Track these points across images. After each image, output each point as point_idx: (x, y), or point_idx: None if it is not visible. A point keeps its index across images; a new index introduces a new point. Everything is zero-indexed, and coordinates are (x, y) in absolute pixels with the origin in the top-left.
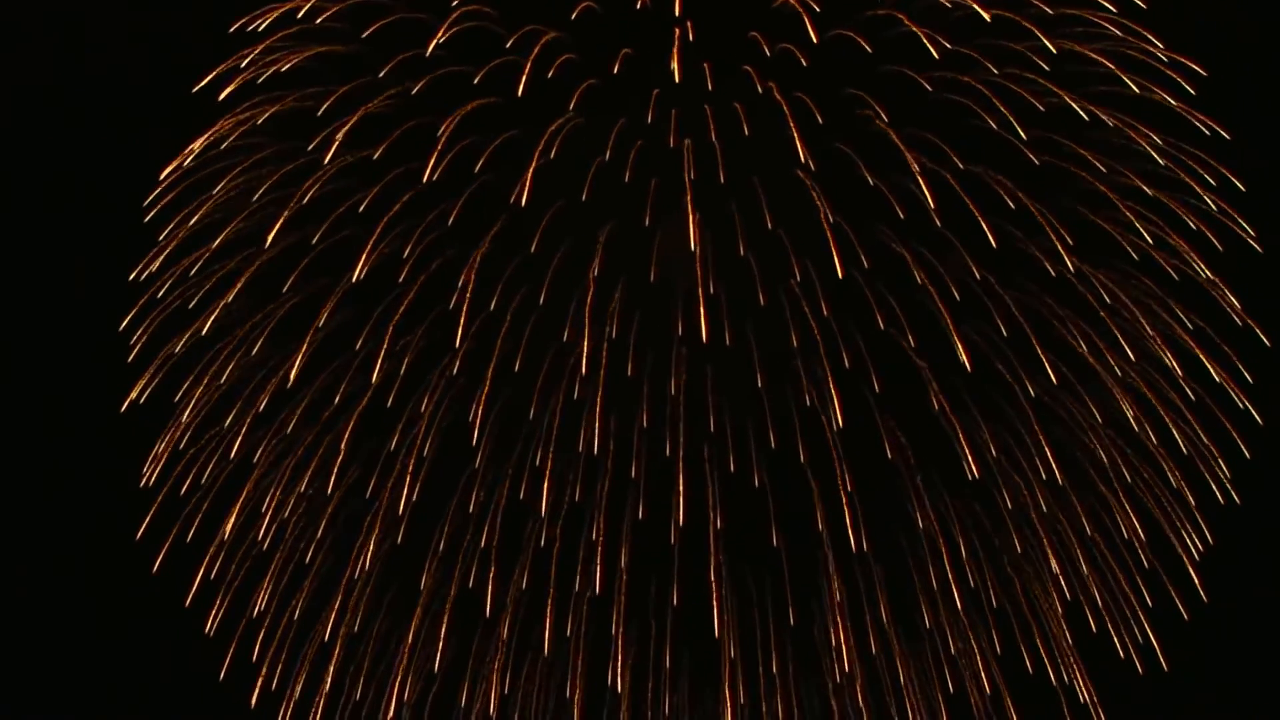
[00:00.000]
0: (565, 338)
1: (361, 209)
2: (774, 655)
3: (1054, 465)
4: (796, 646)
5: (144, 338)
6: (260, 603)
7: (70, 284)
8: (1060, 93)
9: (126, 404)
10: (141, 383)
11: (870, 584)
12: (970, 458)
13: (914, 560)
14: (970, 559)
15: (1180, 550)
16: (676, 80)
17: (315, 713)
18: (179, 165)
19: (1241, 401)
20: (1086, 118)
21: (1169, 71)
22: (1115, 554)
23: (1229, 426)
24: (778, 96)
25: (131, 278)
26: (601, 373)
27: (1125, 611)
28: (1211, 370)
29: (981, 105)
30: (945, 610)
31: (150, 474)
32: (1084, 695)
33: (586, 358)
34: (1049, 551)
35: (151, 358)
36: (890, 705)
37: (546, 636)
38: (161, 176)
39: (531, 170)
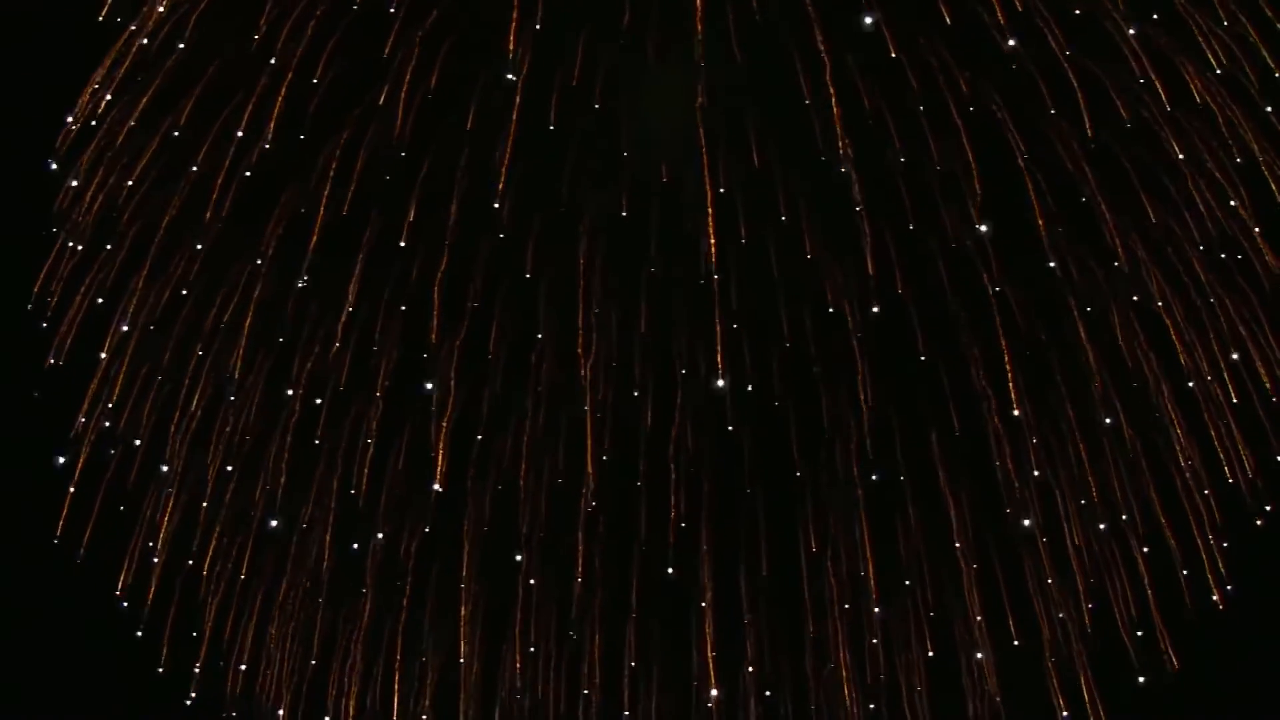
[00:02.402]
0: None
1: (304, 136)
2: (746, 603)
3: (1075, 429)
4: (773, 595)
5: (59, 290)
6: (205, 566)
7: None
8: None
9: (48, 364)
10: (61, 331)
11: (853, 533)
12: (991, 407)
13: (900, 518)
14: (958, 519)
15: (1199, 540)
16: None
17: (286, 661)
18: (87, 102)
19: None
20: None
21: (1254, 35)
22: (1119, 536)
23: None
24: None
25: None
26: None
27: (1129, 595)
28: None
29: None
30: (929, 569)
31: (84, 437)
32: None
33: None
34: (1039, 522)
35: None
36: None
37: (520, 591)
38: (70, 120)
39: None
